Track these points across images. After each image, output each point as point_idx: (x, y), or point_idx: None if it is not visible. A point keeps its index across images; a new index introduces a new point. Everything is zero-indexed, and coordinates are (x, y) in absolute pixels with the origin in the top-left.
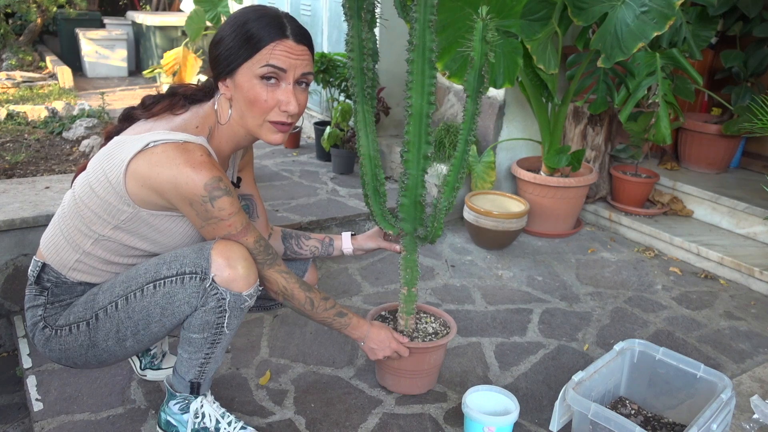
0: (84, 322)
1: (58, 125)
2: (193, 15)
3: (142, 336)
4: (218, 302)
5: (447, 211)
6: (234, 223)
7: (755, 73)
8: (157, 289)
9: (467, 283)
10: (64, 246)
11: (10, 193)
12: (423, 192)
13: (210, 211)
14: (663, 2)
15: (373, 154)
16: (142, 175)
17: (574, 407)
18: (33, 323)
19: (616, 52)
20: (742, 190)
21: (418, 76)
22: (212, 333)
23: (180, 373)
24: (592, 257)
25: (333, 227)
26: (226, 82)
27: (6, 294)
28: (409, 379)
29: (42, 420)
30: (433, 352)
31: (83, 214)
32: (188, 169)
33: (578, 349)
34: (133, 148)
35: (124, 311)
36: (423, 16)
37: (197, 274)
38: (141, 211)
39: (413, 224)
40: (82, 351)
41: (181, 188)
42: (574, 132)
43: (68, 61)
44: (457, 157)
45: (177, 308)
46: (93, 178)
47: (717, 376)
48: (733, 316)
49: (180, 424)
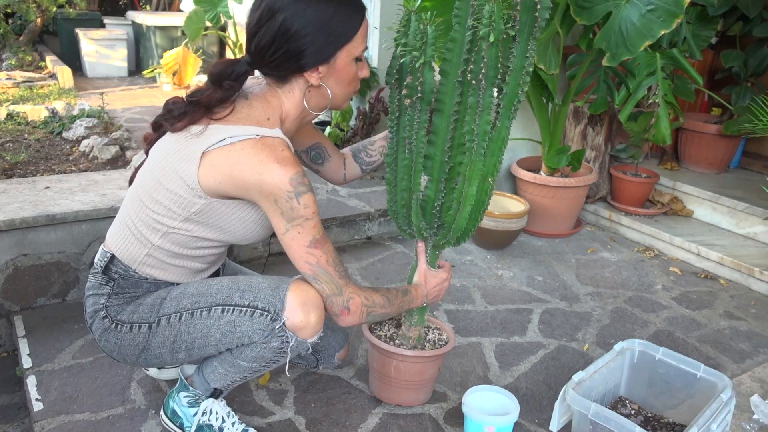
0: (146, 325)
1: (58, 125)
2: (193, 15)
3: (195, 353)
4: (281, 344)
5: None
6: (317, 225)
7: (755, 73)
8: (224, 314)
9: (467, 283)
10: (133, 242)
11: (10, 193)
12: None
13: (296, 209)
14: (671, 0)
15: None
16: (222, 169)
17: (574, 407)
18: (94, 310)
19: (622, 51)
20: (742, 190)
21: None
22: (262, 365)
23: (206, 377)
24: (592, 257)
25: (333, 227)
26: (319, 69)
27: (6, 294)
28: (406, 390)
29: (42, 420)
30: (435, 361)
31: (152, 207)
32: (275, 165)
33: (578, 349)
34: (205, 142)
35: (186, 324)
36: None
37: (269, 313)
38: (214, 201)
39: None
40: (136, 351)
41: (266, 185)
42: (574, 132)
43: (68, 61)
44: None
45: (237, 338)
46: (160, 173)
47: (717, 376)
48: (733, 316)
49: (185, 417)
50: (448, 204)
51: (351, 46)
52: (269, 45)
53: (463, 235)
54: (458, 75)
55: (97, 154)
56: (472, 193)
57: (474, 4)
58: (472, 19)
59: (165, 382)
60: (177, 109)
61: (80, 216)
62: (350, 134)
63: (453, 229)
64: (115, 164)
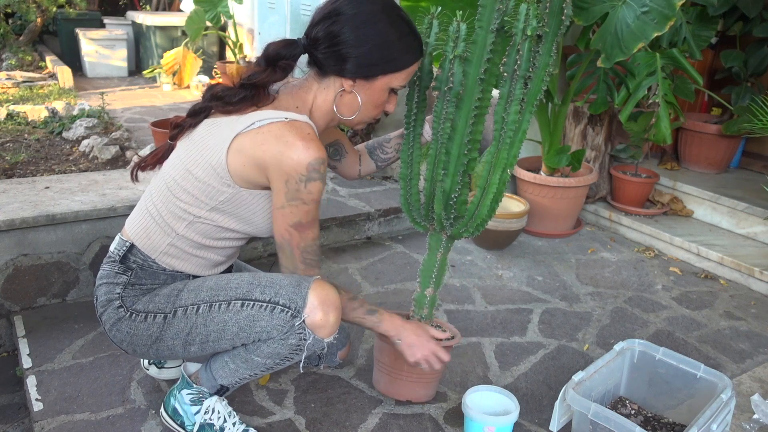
0: (162, 315)
1: (58, 125)
2: (193, 15)
3: (210, 347)
4: (299, 341)
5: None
6: (311, 211)
7: (755, 73)
8: (243, 308)
9: (467, 283)
10: (155, 230)
11: (10, 193)
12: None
13: (300, 192)
14: (663, 2)
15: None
16: (247, 152)
17: (574, 407)
18: (107, 299)
19: (616, 52)
20: (742, 190)
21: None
22: (276, 362)
23: (214, 373)
24: (592, 257)
25: (333, 227)
26: (357, 81)
27: (6, 294)
28: (418, 384)
29: (42, 420)
30: (448, 353)
31: (179, 196)
32: (299, 143)
33: (578, 349)
34: (236, 127)
35: (202, 317)
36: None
37: (289, 310)
38: (241, 191)
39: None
40: (148, 342)
41: (285, 163)
42: (574, 132)
43: (68, 61)
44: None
45: (255, 333)
46: (189, 161)
47: (717, 376)
48: (733, 316)
49: (186, 415)
50: (463, 198)
51: (395, 77)
52: (323, 39)
53: (482, 223)
54: (480, 73)
55: (97, 154)
56: (495, 182)
57: (500, 7)
58: (497, 22)
59: (165, 382)
60: (232, 95)
61: (80, 216)
62: (350, 134)
63: (475, 216)
64: (115, 164)
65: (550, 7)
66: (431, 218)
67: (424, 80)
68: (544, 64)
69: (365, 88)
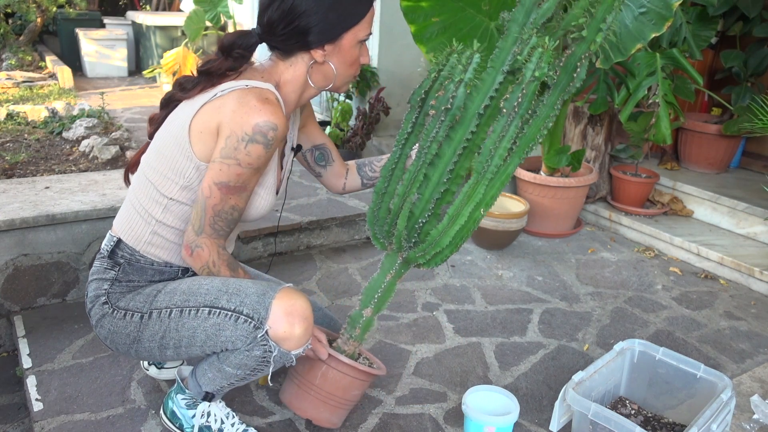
0: (138, 314)
1: (58, 125)
2: (193, 15)
3: (183, 352)
4: (264, 353)
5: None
6: (243, 175)
7: (755, 73)
8: (210, 316)
9: (467, 283)
10: (137, 220)
11: (10, 193)
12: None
13: (237, 150)
14: (661, 3)
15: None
16: (205, 118)
17: (574, 407)
18: (95, 295)
19: (615, 53)
20: (742, 190)
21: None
22: (247, 373)
23: (198, 380)
24: (592, 257)
25: (333, 227)
26: (324, 48)
27: (6, 294)
28: (324, 404)
29: (42, 420)
30: (364, 382)
31: (152, 179)
32: (256, 103)
33: (578, 349)
34: (200, 100)
35: (174, 322)
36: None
37: (252, 320)
38: (201, 164)
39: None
40: (127, 341)
41: (233, 119)
42: (574, 132)
43: (68, 61)
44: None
45: (221, 342)
46: (159, 142)
47: (717, 376)
48: (733, 316)
49: (184, 418)
50: (428, 228)
51: (357, 29)
52: (279, 20)
53: (440, 253)
54: (480, 108)
55: (97, 154)
56: (465, 214)
57: (516, 51)
58: (509, 63)
59: (165, 382)
60: (188, 82)
61: (80, 216)
62: (350, 134)
63: (435, 243)
64: (115, 164)
65: (564, 62)
66: (392, 236)
67: (427, 103)
68: (545, 115)
69: (335, 51)
